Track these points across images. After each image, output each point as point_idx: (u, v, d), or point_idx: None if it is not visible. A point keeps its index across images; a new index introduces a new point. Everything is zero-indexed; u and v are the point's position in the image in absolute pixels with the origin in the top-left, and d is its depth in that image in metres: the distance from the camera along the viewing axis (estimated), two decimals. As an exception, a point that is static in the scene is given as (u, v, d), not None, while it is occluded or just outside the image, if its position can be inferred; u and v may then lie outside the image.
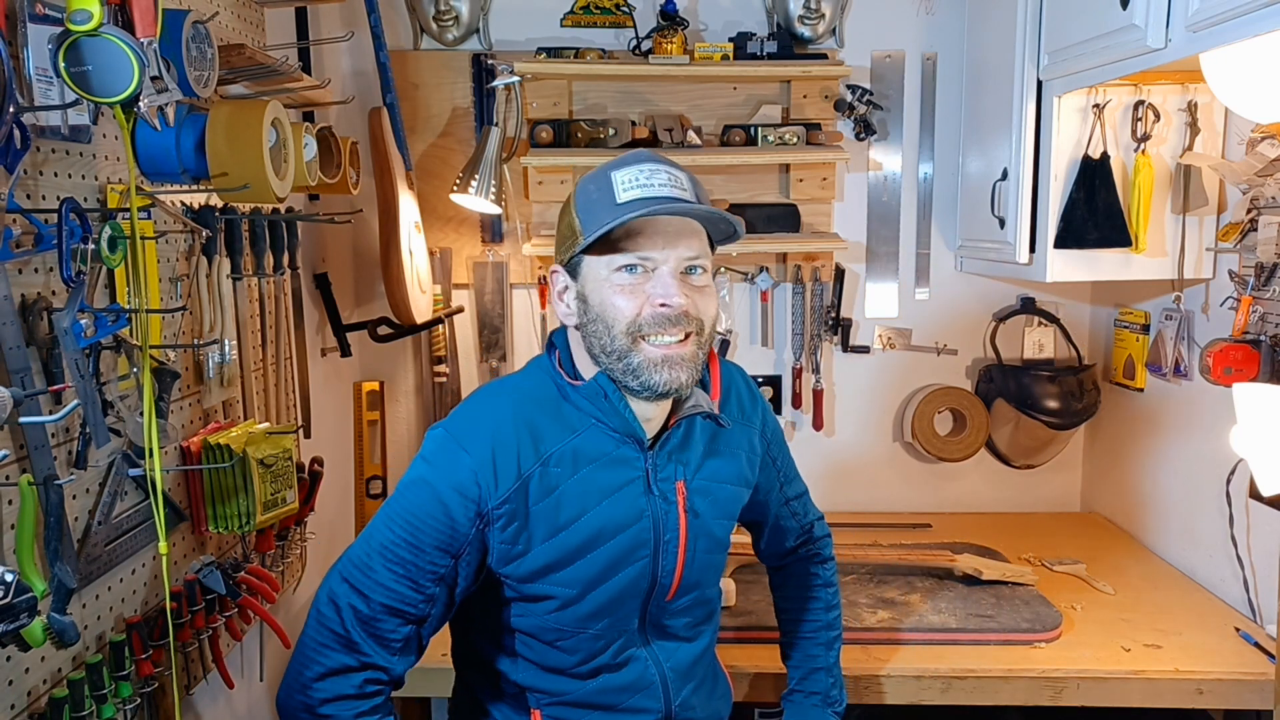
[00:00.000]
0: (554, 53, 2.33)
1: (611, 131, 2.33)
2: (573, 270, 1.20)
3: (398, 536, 1.15)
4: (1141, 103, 1.93)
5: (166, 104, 1.11)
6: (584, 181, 1.20)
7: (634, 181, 1.14)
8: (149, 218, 1.35)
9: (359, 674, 1.15)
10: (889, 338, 2.58)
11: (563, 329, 1.27)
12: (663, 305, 1.14)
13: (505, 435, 1.17)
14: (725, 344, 2.54)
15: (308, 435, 1.97)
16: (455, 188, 2.26)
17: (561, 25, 2.46)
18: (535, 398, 1.22)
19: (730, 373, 1.39)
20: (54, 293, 1.16)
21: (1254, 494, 1.84)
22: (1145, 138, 1.93)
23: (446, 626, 1.31)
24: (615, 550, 1.21)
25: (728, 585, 1.91)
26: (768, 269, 2.52)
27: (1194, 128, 1.94)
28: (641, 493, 1.22)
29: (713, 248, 1.21)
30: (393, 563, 1.14)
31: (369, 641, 1.15)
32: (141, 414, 1.23)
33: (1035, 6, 1.99)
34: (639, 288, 1.14)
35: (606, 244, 1.14)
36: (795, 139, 2.35)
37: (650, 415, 1.22)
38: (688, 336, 1.15)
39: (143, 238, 1.26)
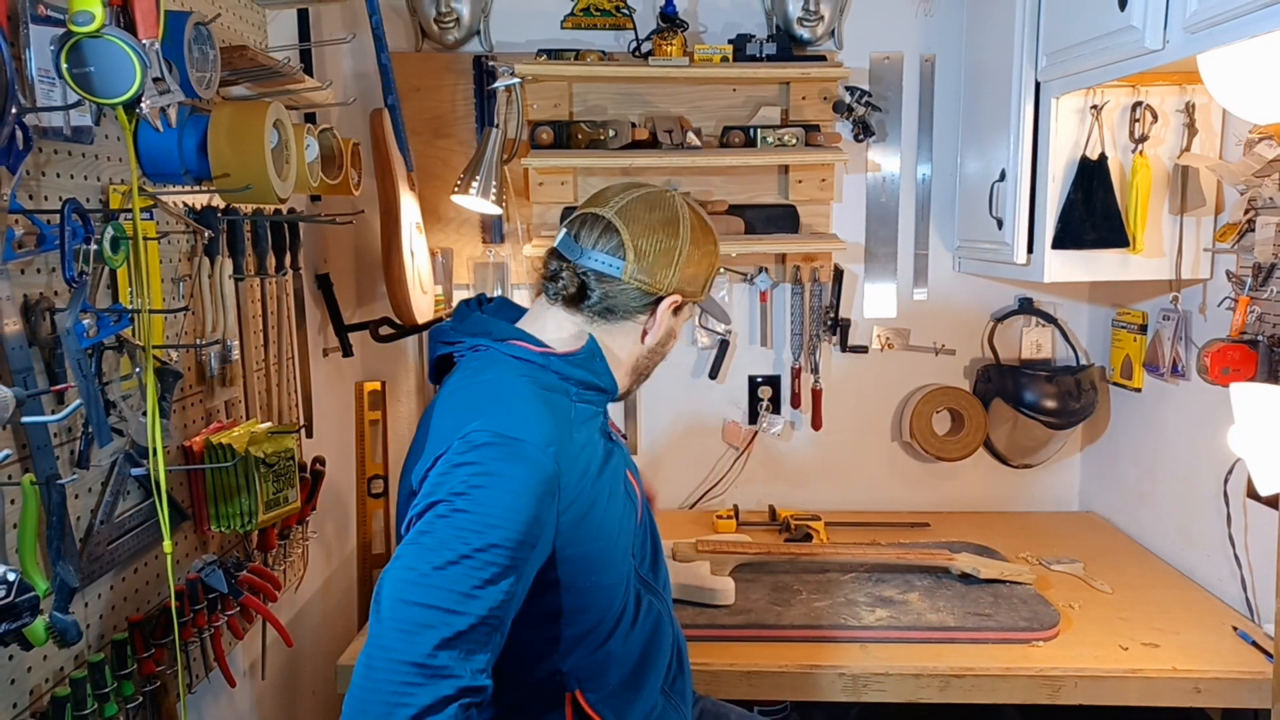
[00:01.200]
0: (554, 54, 2.33)
1: (611, 133, 2.34)
2: (678, 307, 1.32)
3: (481, 542, 1.07)
4: (1139, 104, 1.94)
5: (169, 105, 1.12)
6: (721, 244, 1.36)
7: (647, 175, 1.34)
8: (151, 218, 1.36)
9: (454, 702, 1.03)
10: (887, 338, 2.59)
11: (499, 322, 1.33)
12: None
13: (540, 413, 1.19)
14: (725, 344, 2.55)
15: (310, 435, 1.98)
16: (456, 189, 2.26)
17: (561, 27, 2.47)
18: (529, 379, 1.25)
19: None
20: (56, 293, 1.17)
21: (1251, 493, 1.84)
22: (1143, 139, 1.94)
23: None
24: (617, 493, 1.28)
25: (727, 584, 1.91)
26: (767, 269, 2.53)
27: (1192, 129, 1.95)
28: (606, 440, 1.32)
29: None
30: (477, 568, 1.07)
31: (462, 663, 1.04)
32: (144, 414, 1.24)
33: (1033, 8, 2.00)
34: None
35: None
36: (794, 140, 2.35)
37: None
38: None
39: (145, 238, 1.26)
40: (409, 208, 2.23)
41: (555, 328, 1.31)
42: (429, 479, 1.14)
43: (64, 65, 1.02)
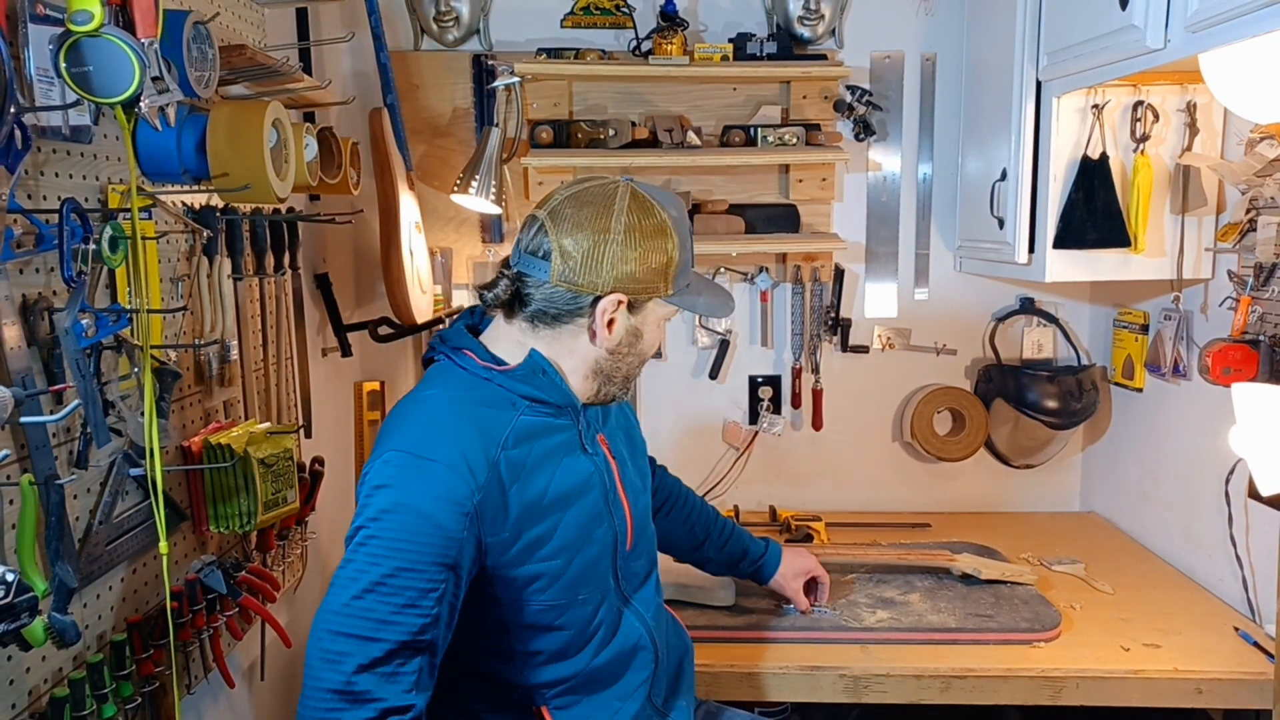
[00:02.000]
0: (554, 53, 2.33)
1: (611, 132, 2.33)
2: (633, 305, 1.25)
3: (390, 567, 1.10)
4: (1140, 103, 1.93)
5: (167, 104, 1.11)
6: (680, 230, 1.25)
7: (659, 198, 1.27)
8: (150, 218, 1.35)
9: None
10: (888, 338, 2.58)
11: (461, 330, 1.31)
12: (663, 338, 1.35)
13: (460, 432, 1.18)
14: (725, 344, 2.54)
15: (308, 435, 1.98)
16: (456, 188, 2.26)
17: (561, 26, 2.47)
18: (464, 394, 1.23)
19: None
20: (55, 293, 1.17)
21: (1253, 494, 1.84)
22: (1144, 138, 1.94)
23: None
24: (582, 512, 1.25)
25: (728, 585, 1.91)
26: (767, 269, 2.52)
27: (1193, 128, 1.94)
28: (580, 453, 1.29)
29: None
30: (390, 594, 1.10)
31: (383, 685, 1.09)
32: (142, 414, 1.23)
33: (1034, 7, 1.99)
34: None
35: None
36: (795, 139, 2.35)
37: None
38: None
39: (144, 238, 1.26)
40: (408, 207, 2.22)
41: (505, 338, 1.28)
42: (359, 500, 1.17)
43: (62, 64, 1.02)
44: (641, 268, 1.22)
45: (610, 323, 1.24)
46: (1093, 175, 1.93)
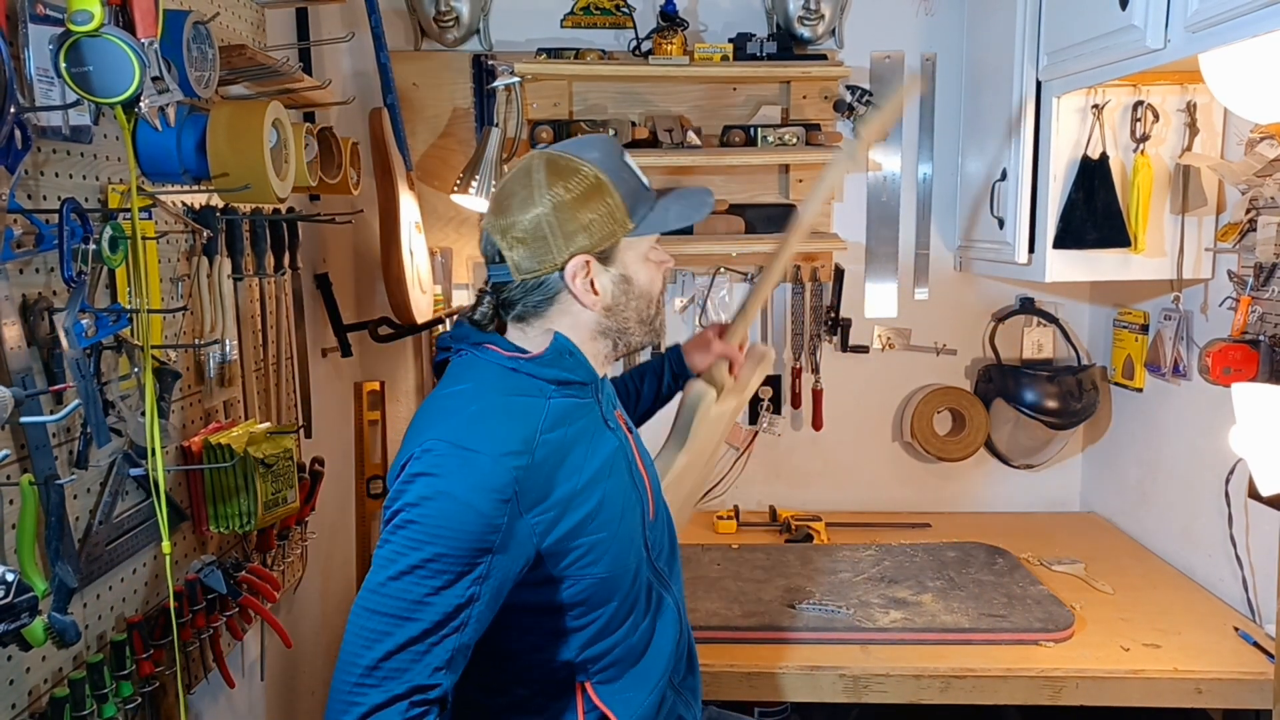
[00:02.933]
0: (554, 53, 2.33)
1: (611, 132, 2.33)
2: (603, 257, 1.23)
3: (430, 552, 1.11)
4: (1140, 103, 1.93)
5: (167, 104, 1.12)
6: (609, 168, 1.22)
7: (639, 165, 1.27)
8: (150, 218, 1.35)
9: (405, 699, 1.11)
10: (888, 338, 2.58)
11: (466, 327, 1.30)
12: (667, 265, 1.31)
13: (498, 421, 1.19)
14: (725, 344, 2.54)
15: (308, 435, 1.98)
16: (456, 188, 2.26)
17: (561, 26, 2.47)
18: (495, 385, 1.24)
19: None
20: (55, 293, 1.17)
21: (1253, 494, 1.84)
22: (1144, 138, 1.94)
23: None
24: (617, 486, 1.27)
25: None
26: (767, 269, 2.52)
27: (1193, 128, 1.94)
28: (605, 429, 1.30)
29: None
30: (427, 577, 1.12)
31: (416, 663, 1.11)
32: (142, 414, 1.23)
33: (1034, 7, 2.00)
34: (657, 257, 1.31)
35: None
36: (795, 139, 2.35)
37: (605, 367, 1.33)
38: None
39: (144, 238, 1.26)
40: (408, 207, 2.22)
41: (516, 336, 1.28)
42: (394, 487, 1.17)
43: (63, 64, 1.02)
44: (585, 224, 1.21)
45: (591, 284, 1.23)
46: (1093, 175, 1.93)
